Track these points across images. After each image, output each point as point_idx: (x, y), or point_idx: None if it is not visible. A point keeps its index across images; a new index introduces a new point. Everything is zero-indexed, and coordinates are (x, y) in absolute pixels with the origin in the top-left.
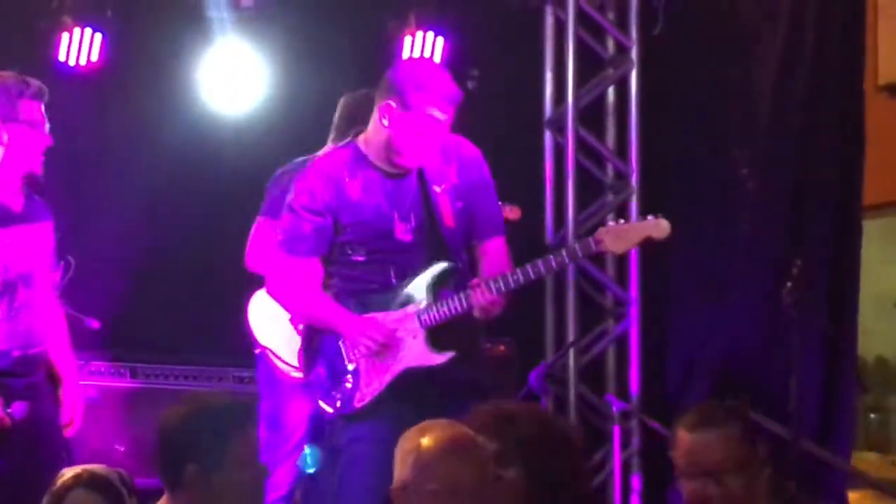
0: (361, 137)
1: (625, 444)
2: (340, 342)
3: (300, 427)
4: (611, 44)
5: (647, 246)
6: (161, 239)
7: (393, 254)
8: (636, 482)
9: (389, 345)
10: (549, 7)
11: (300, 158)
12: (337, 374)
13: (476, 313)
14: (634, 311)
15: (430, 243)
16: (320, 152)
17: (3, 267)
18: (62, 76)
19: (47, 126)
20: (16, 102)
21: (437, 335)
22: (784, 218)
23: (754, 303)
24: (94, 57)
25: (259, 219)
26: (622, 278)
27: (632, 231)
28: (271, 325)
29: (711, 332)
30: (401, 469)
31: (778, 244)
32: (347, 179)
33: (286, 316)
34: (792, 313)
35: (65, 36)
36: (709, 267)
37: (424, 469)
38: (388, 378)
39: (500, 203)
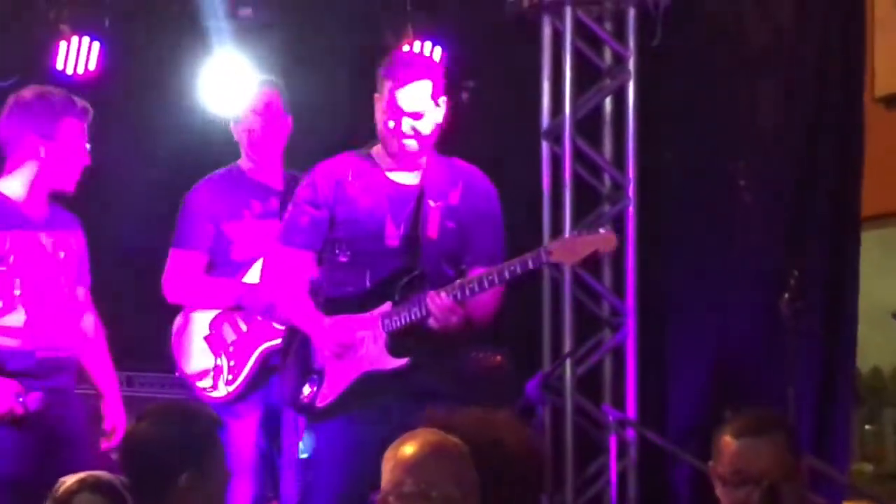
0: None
1: (621, 455)
2: (311, 343)
3: (245, 449)
4: (608, 54)
5: (645, 256)
6: (159, 248)
7: (376, 257)
8: (632, 493)
9: (352, 347)
10: (547, 17)
11: (208, 176)
12: (306, 373)
13: (432, 321)
14: (631, 322)
15: (412, 252)
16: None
17: (21, 270)
18: (60, 85)
19: (87, 146)
20: (58, 120)
21: (398, 340)
22: (782, 229)
23: (752, 313)
24: (92, 66)
25: (172, 250)
26: (619, 288)
27: (580, 244)
28: (189, 349)
29: (708, 343)
30: (383, 477)
31: (776, 255)
32: (350, 178)
33: (202, 334)
34: (789, 324)
35: (62, 44)
36: (706, 277)
37: (402, 473)
38: (348, 380)
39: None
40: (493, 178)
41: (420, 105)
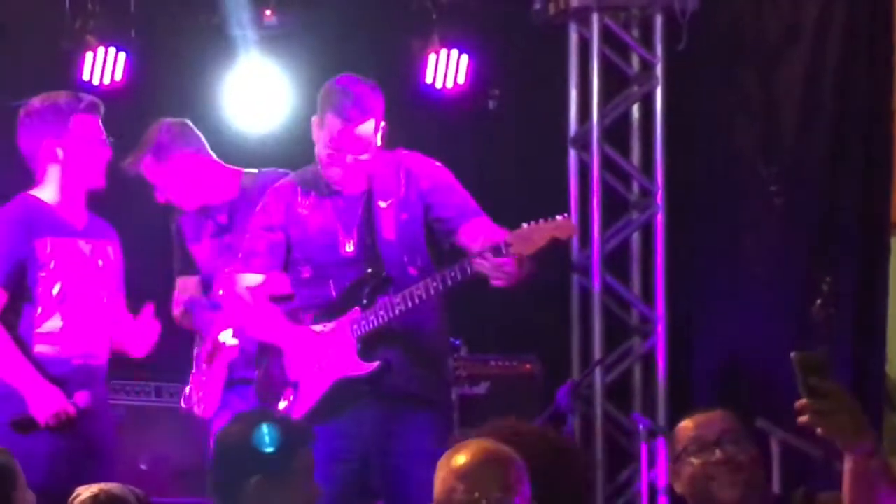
0: None
1: (651, 463)
2: (283, 356)
3: None
4: (636, 61)
5: (674, 263)
6: None
7: (335, 267)
8: (663, 501)
9: (323, 356)
10: (574, 24)
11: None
12: (280, 386)
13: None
14: (661, 329)
15: (370, 258)
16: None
17: (61, 275)
18: None
19: (107, 139)
20: (68, 119)
21: (368, 345)
22: (811, 235)
23: (782, 320)
24: (118, 76)
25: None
26: (648, 295)
27: (537, 232)
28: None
29: (738, 350)
30: (437, 486)
31: (805, 261)
32: (299, 198)
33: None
34: (821, 331)
35: (88, 55)
36: (735, 283)
37: (454, 480)
38: (322, 389)
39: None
40: (520, 186)
41: (360, 137)
